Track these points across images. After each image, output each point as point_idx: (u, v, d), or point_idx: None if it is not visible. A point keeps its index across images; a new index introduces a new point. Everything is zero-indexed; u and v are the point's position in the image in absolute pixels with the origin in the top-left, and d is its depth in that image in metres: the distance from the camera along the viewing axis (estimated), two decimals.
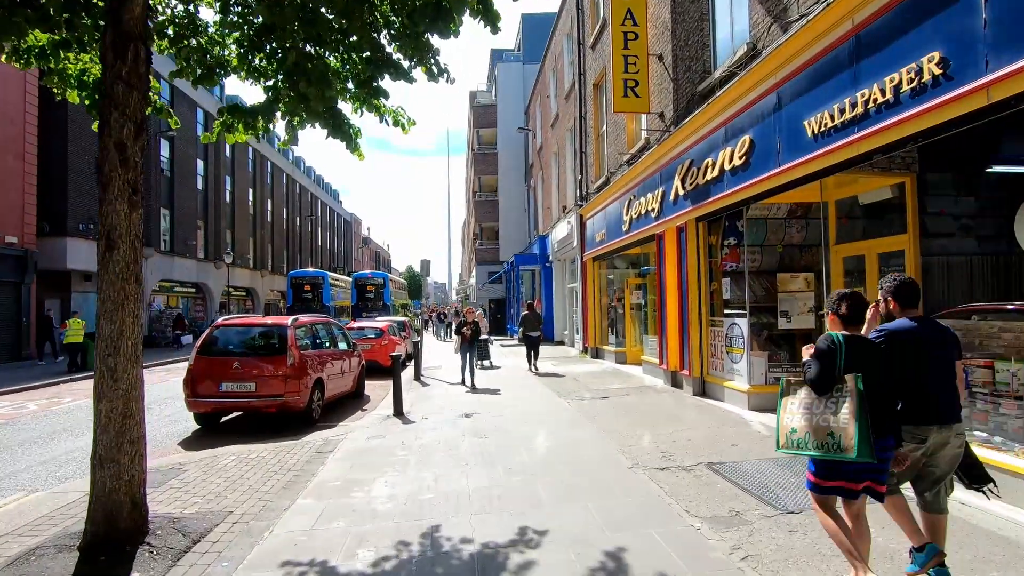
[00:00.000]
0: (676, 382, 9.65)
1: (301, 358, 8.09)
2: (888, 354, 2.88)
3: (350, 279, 36.99)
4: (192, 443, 7.50)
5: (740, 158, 7.11)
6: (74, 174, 21.14)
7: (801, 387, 2.88)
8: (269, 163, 43.06)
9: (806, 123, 5.76)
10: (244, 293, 39.19)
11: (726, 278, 8.36)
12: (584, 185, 16.32)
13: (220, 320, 8.46)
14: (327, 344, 9.56)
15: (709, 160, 8.01)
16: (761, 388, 7.48)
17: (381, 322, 16.34)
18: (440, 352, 20.13)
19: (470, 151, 40.18)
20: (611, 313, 15.43)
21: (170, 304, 29.48)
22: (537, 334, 13.51)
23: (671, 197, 9.39)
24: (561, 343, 20.95)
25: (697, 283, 8.86)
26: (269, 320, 8.61)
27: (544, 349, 19.23)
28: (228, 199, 35.40)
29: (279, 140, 42.44)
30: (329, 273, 35.38)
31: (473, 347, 11.37)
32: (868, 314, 3.03)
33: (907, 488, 3.08)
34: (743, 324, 7.74)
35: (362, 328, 15.43)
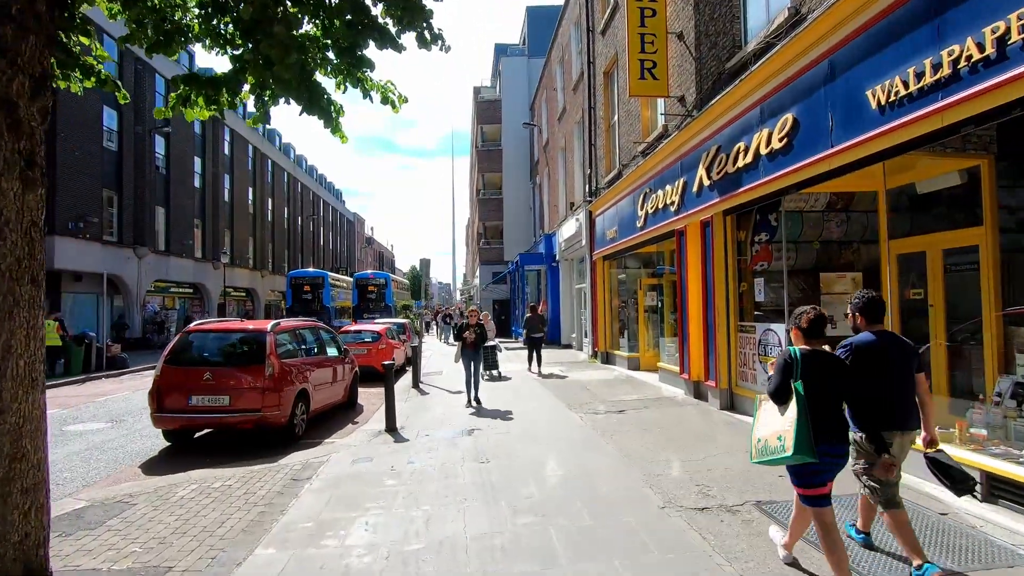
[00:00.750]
0: (699, 393, 8.73)
1: (282, 367, 7.22)
2: (854, 365, 3.18)
3: (351, 279, 36.21)
4: (156, 465, 6.64)
5: (780, 140, 6.19)
6: (64, 169, 20.38)
7: (766, 400, 3.16)
8: (269, 161, 42.33)
9: (869, 93, 4.83)
10: (244, 294, 38.45)
11: (759, 278, 7.44)
12: (594, 180, 15.41)
13: (191, 325, 7.60)
14: (313, 350, 8.69)
15: (740, 145, 7.08)
16: None
17: (378, 325, 15.48)
18: (442, 356, 19.26)
19: (474, 148, 39.32)
20: (622, 316, 14.51)
21: (167, 305, 28.75)
22: (540, 335, 13.57)
23: (694, 188, 8.47)
24: (568, 346, 20.03)
25: (724, 284, 7.94)
26: (247, 325, 7.74)
27: (551, 353, 18.36)
28: (227, 198, 34.66)
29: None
30: (329, 273, 34.56)
31: (478, 355, 9.47)
32: None
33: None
34: (780, 330, 6.82)
35: (359, 331, 14.57)
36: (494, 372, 12.70)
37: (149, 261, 25.60)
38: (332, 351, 9.53)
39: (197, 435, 7.70)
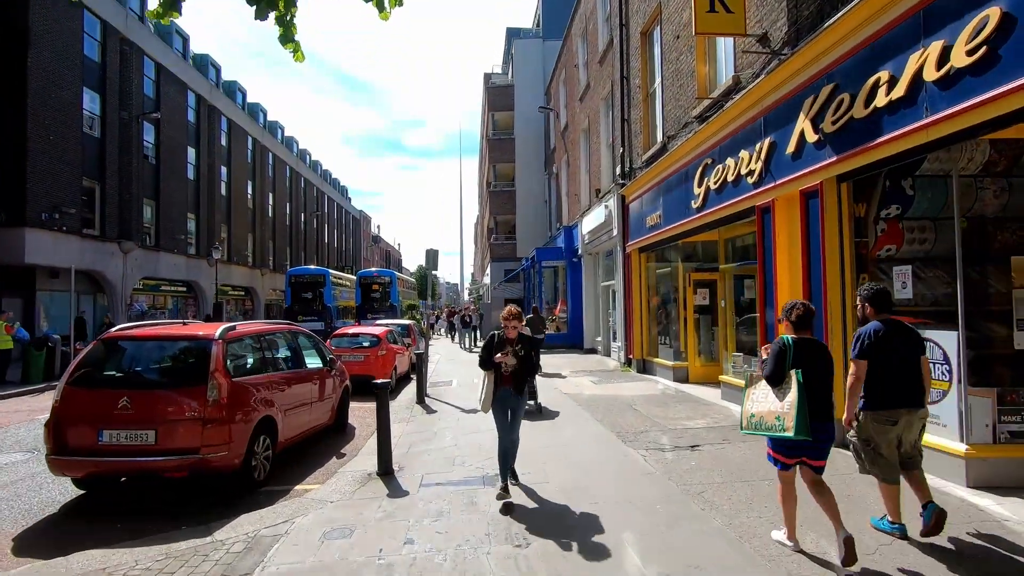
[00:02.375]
0: None
1: (234, 389, 5.20)
2: (865, 351, 3.56)
3: (355, 278, 34.30)
4: (44, 533, 4.63)
5: (971, 52, 4.07)
6: (36, 155, 18.54)
7: (760, 380, 3.60)
8: (270, 155, 40.52)
9: None
10: (243, 292, 36.67)
11: (903, 266, 5.33)
12: (627, 160, 13.31)
13: (112, 330, 5.58)
14: (286, 363, 6.67)
15: (881, 75, 4.97)
16: (993, 450, 4.44)
17: (378, 327, 13.46)
18: (450, 361, 17.23)
19: (484, 139, 37.26)
20: (662, 317, 12.41)
21: (156, 305, 26.93)
22: (541, 336, 13.38)
23: (788, 149, 6.37)
24: (593, 351, 17.92)
25: (840, 275, 5.82)
26: (188, 330, 5.70)
27: (574, 358, 16.30)
28: (224, 191, 32.85)
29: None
30: (331, 271, 32.68)
31: (521, 400, 4.96)
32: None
33: None
34: (949, 341, 4.70)
35: (355, 335, 12.55)
36: (530, 404, 8.27)
37: (136, 257, 23.77)
38: (314, 361, 7.51)
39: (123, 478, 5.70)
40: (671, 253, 12.36)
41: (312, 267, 35.61)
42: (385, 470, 5.60)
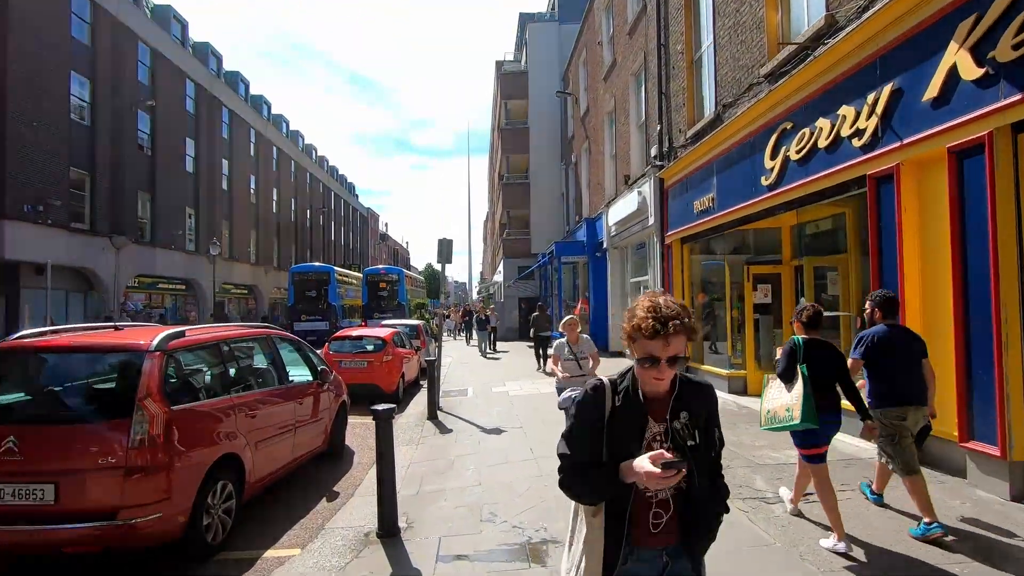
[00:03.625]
0: (941, 458, 4.96)
1: (175, 421, 3.68)
2: (871, 352, 3.82)
3: (361, 275, 32.88)
4: None
5: None
6: (17, 143, 17.21)
7: (774, 379, 3.86)
8: (275, 148, 39.20)
9: None
10: (246, 291, 35.39)
11: None
12: (665, 139, 11.70)
13: (10, 339, 4.06)
14: (260, 378, 5.16)
15: None
16: None
17: (383, 329, 11.94)
18: (463, 365, 15.69)
19: (496, 129, 35.69)
20: (708, 319, 10.80)
21: (153, 304, 25.63)
22: (547, 334, 14.13)
23: (927, 94, 4.75)
24: (619, 354, 16.30)
25: (1020, 262, 4.19)
26: (115, 338, 4.15)
27: (600, 364, 14.61)
28: (225, 186, 31.53)
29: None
30: (336, 268, 31.29)
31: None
32: None
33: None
34: None
35: (358, 338, 11.02)
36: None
37: (130, 253, 22.42)
38: (300, 374, 6.00)
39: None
40: (719, 244, 10.75)
41: (316, 264, 34.22)
42: (388, 530, 4.06)
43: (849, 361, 3.86)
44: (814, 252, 7.75)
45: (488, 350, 19.44)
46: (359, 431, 8.19)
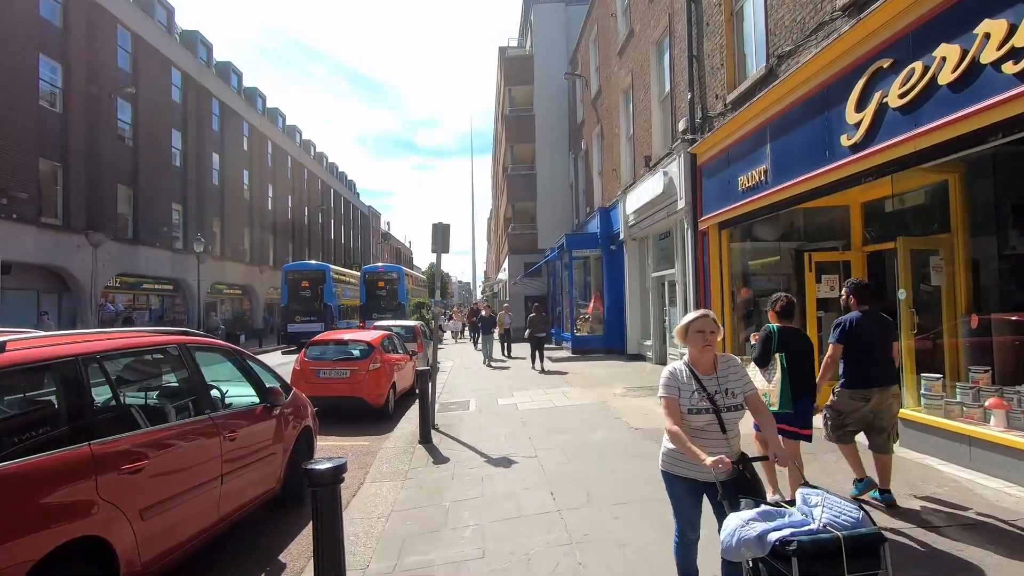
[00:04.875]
0: None
1: None
2: (845, 336, 4.11)
3: (359, 274, 31.35)
4: None
5: None
6: None
7: (749, 363, 4.14)
8: (269, 143, 37.71)
9: None
10: (239, 291, 33.93)
11: None
12: (698, 107, 10.07)
13: None
14: (158, 409, 3.57)
15: None
16: None
17: (371, 332, 10.34)
18: (466, 370, 14.08)
19: (498, 121, 34.08)
20: (750, 318, 9.19)
21: (138, 305, 24.14)
22: (544, 335, 14.04)
23: None
24: (639, 357, 14.67)
25: None
26: None
27: (617, 367, 12.98)
28: (216, 181, 30.04)
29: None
30: (332, 266, 29.77)
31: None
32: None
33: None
34: None
35: (341, 342, 9.43)
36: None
37: (109, 250, 20.96)
38: (241, 395, 4.42)
39: None
40: (765, 228, 9.13)
41: (311, 262, 32.70)
42: None
43: (829, 348, 4.20)
44: (902, 232, 6.11)
45: (498, 357, 16.58)
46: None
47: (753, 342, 4.28)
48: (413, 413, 8.52)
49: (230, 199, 31.36)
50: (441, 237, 7.88)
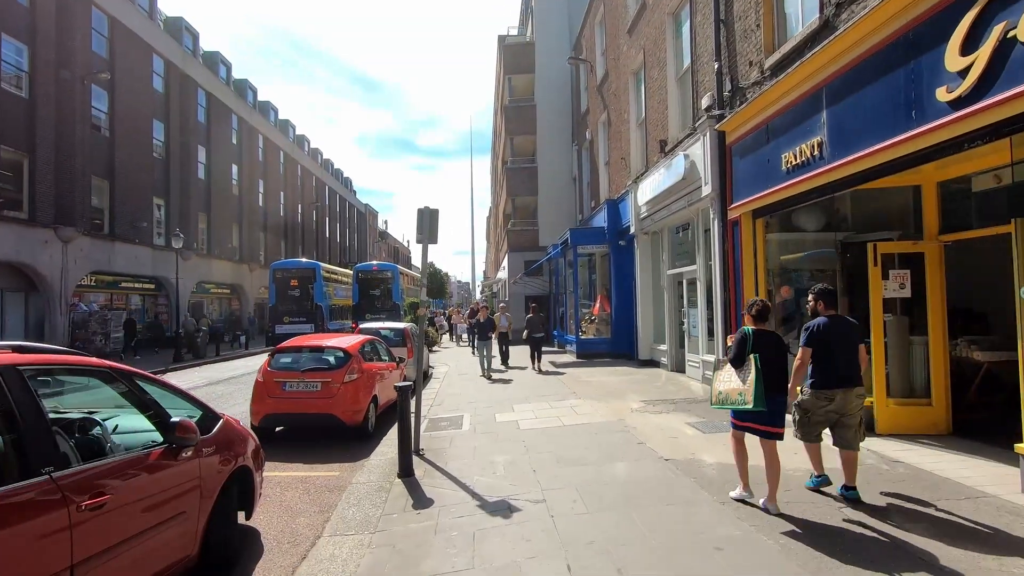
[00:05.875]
0: None
1: None
2: (812, 340, 4.30)
3: (352, 273, 30.01)
4: None
5: None
6: None
7: (726, 364, 4.42)
8: (260, 137, 36.37)
9: None
10: (228, 291, 32.57)
11: None
12: (726, 78, 8.75)
13: None
14: None
15: None
16: None
17: (348, 338, 8.98)
18: (462, 373, 12.71)
19: (499, 109, 32.70)
20: (790, 321, 7.86)
21: (115, 305, 22.74)
22: (541, 335, 13.87)
23: None
24: (652, 363, 13.32)
25: None
26: None
27: (628, 375, 11.56)
28: (202, 175, 28.69)
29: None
30: (323, 264, 28.44)
31: None
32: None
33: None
34: None
35: (314, 349, 8.04)
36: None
37: (81, 247, 19.62)
38: (131, 431, 3.09)
39: None
40: (806, 216, 7.82)
41: (301, 260, 31.34)
42: None
43: (799, 352, 4.35)
44: (1017, 214, 4.78)
45: (497, 367, 13.76)
46: (295, 493, 5.32)
47: (730, 344, 4.53)
48: (388, 446, 7.10)
49: (217, 194, 30.02)
50: (428, 224, 6.54)
